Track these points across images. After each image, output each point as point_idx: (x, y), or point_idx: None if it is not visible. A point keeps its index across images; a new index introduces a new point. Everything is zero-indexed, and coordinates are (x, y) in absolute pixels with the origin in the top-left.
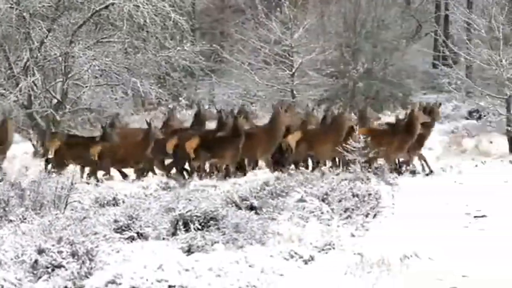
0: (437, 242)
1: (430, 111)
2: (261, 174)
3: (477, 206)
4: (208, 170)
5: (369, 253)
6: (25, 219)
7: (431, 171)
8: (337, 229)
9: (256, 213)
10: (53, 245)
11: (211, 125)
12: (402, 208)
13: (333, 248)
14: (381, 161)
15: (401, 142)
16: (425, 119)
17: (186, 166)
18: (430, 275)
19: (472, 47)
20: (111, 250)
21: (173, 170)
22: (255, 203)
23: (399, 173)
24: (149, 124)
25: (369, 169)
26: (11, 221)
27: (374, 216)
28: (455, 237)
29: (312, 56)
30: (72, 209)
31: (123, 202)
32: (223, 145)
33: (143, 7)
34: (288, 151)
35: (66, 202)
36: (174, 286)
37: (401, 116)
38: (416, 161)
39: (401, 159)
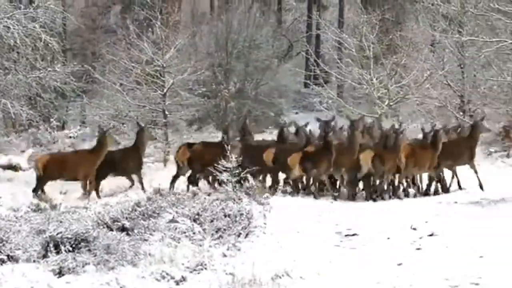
0: (309, 261)
1: (472, 127)
2: (133, 195)
3: (348, 225)
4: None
5: (241, 273)
6: None
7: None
8: (209, 249)
9: (128, 234)
10: None
11: None
12: (274, 227)
13: (205, 268)
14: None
15: (433, 157)
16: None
17: None
18: None
19: (343, 66)
20: None
21: None
22: (127, 224)
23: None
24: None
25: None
26: None
27: (246, 235)
28: (326, 256)
29: (184, 76)
30: None
31: None
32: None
33: (13, 28)
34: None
35: None
36: None
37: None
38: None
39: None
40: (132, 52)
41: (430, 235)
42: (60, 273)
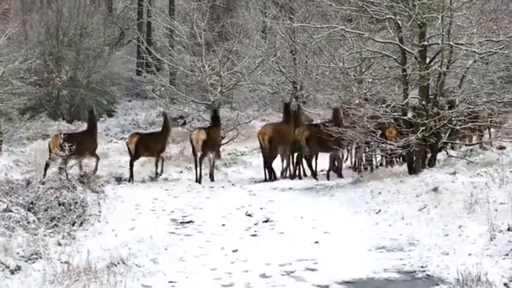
0: (144, 249)
1: None
2: None
3: (183, 212)
4: None
5: (76, 261)
6: None
7: None
8: (43, 238)
9: None
10: None
11: None
12: (109, 215)
13: (40, 257)
14: None
15: None
16: None
17: None
18: (137, 281)
19: (175, 54)
20: None
21: None
22: None
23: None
24: None
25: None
26: None
27: (81, 224)
28: (162, 243)
29: (15, 64)
30: None
31: None
32: None
33: None
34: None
35: None
36: None
37: None
38: None
39: None
40: None
41: (265, 221)
42: None
